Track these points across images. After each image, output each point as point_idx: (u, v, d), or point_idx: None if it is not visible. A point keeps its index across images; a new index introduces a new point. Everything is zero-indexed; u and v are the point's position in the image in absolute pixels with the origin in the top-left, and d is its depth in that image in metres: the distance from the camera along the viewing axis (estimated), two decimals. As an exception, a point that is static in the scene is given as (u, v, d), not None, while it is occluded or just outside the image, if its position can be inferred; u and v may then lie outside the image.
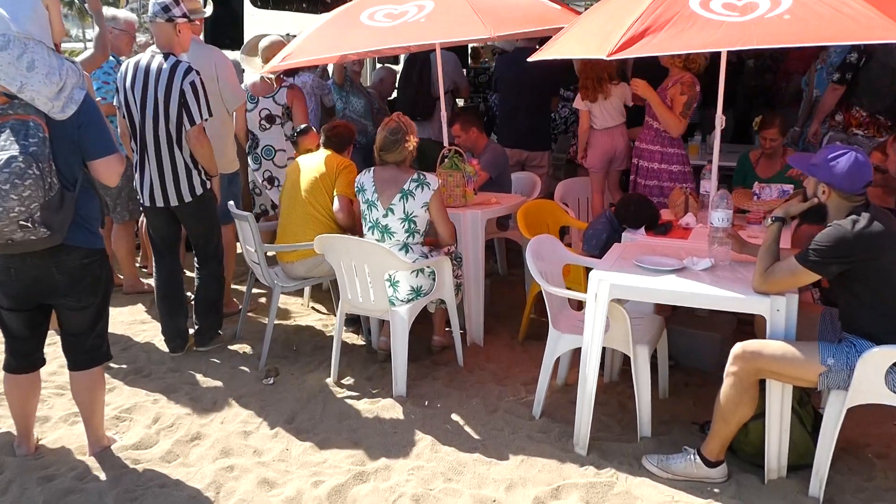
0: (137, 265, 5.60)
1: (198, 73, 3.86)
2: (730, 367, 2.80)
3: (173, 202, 3.97)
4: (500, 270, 5.61)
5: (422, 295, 3.77)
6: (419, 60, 6.28)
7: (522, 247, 5.00)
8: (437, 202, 3.73)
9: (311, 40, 4.04)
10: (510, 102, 5.88)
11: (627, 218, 3.96)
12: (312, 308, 5.07)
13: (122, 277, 5.29)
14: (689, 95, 4.61)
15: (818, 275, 2.71)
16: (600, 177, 5.39)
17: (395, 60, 7.97)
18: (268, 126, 5.06)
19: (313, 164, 4.20)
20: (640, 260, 3.20)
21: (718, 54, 3.48)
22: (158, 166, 3.93)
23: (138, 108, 3.88)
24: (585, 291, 3.09)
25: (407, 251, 3.75)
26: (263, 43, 4.98)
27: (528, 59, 3.58)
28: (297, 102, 5.04)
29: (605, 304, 3.02)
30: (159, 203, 3.99)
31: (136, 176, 4.04)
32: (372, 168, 3.84)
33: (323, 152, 4.27)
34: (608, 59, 3.02)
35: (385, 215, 3.73)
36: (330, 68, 6.18)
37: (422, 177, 3.71)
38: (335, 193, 4.11)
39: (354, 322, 4.53)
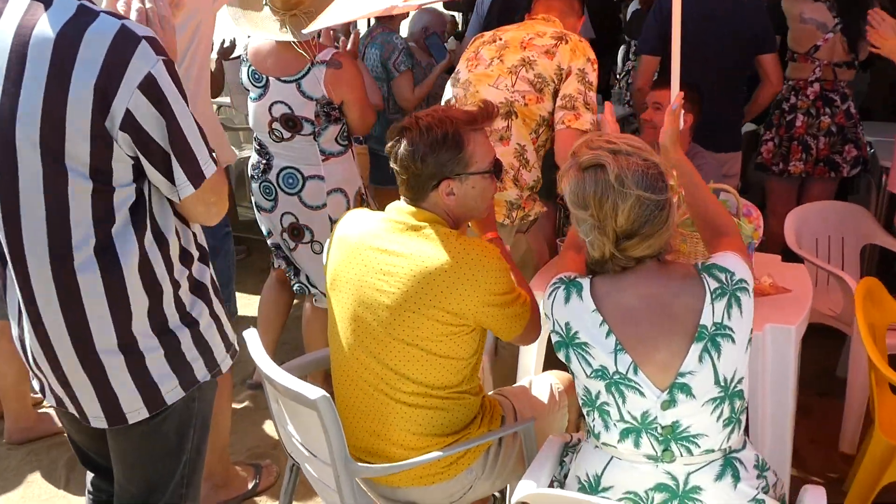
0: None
1: (153, 44, 1.35)
2: None
3: (96, 422, 1.52)
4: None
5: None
6: None
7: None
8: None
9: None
10: (711, 70, 3.11)
11: None
12: None
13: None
14: None
15: None
16: None
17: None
18: (287, 135, 2.55)
19: (391, 269, 1.68)
20: None
21: None
22: (46, 306, 1.44)
23: None
24: None
25: (737, 478, 1.50)
26: None
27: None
28: (350, 88, 2.52)
29: None
30: (55, 402, 1.56)
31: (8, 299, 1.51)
32: (571, 283, 1.54)
33: (402, 230, 1.71)
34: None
35: (668, 403, 1.47)
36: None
37: (725, 274, 1.48)
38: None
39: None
